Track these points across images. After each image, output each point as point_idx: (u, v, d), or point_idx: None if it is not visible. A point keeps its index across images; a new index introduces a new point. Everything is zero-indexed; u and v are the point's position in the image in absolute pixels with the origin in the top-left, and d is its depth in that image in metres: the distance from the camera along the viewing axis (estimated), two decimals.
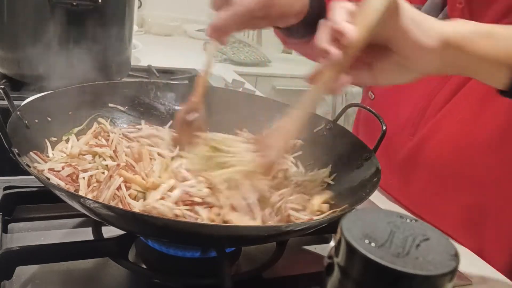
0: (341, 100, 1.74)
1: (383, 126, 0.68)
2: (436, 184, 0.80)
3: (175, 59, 1.61)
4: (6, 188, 0.65)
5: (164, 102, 0.81)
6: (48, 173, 0.58)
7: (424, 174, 0.81)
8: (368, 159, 0.67)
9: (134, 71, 1.27)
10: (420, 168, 0.82)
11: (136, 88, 0.80)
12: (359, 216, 0.29)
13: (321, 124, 0.78)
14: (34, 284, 0.53)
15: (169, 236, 0.54)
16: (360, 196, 0.60)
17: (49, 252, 0.54)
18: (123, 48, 1.11)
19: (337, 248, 0.28)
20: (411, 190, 0.84)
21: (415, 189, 0.83)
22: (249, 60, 1.65)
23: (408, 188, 0.85)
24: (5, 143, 0.53)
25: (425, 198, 0.82)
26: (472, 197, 0.76)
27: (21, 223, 0.63)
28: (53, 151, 0.65)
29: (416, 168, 0.82)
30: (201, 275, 0.56)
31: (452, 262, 0.26)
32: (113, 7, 1.04)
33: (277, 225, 0.56)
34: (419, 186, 0.83)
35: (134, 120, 0.78)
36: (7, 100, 0.61)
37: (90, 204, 0.48)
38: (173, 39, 1.96)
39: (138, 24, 1.94)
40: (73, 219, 0.65)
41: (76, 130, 0.70)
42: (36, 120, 0.64)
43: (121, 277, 0.57)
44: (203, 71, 0.70)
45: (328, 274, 0.29)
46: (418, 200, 0.83)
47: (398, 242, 0.27)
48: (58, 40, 0.97)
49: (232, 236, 0.52)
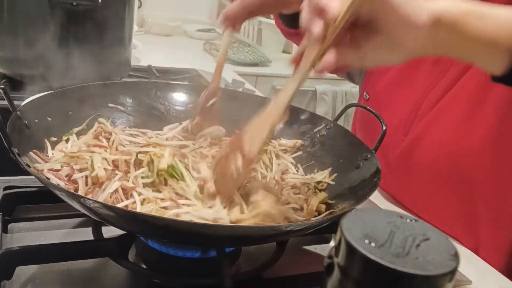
0: (341, 100, 1.74)
1: (383, 126, 0.68)
2: (430, 183, 0.80)
3: (175, 59, 1.61)
4: (6, 188, 0.65)
5: (164, 102, 0.81)
6: (48, 173, 0.58)
7: (418, 173, 0.81)
8: (368, 159, 0.67)
9: (134, 71, 1.27)
10: (414, 168, 0.82)
11: (136, 88, 0.80)
12: (359, 216, 0.29)
13: (321, 124, 0.78)
14: (34, 284, 0.53)
15: (169, 236, 0.54)
16: (360, 196, 0.60)
17: (49, 252, 0.54)
18: (123, 48, 1.11)
19: (337, 248, 0.28)
20: (408, 189, 0.84)
21: (411, 189, 0.84)
22: (249, 60, 1.65)
23: (405, 187, 0.85)
24: (5, 143, 0.53)
25: (421, 197, 0.83)
26: (466, 197, 0.77)
27: (21, 223, 0.63)
28: (53, 151, 0.65)
29: (410, 168, 0.82)
30: (201, 275, 0.56)
31: (452, 262, 0.26)
32: (113, 7, 1.04)
33: (277, 225, 0.56)
34: (415, 186, 0.83)
35: (134, 120, 0.78)
36: (7, 100, 0.61)
37: (90, 204, 0.48)
38: (173, 39, 1.96)
39: (138, 24, 1.94)
40: (73, 219, 0.65)
41: (76, 130, 0.70)
42: (36, 120, 0.64)
43: (121, 277, 0.57)
44: (219, 59, 0.73)
45: (328, 274, 0.29)
46: (414, 199, 0.84)
47: (398, 242, 0.27)
48: (58, 40, 0.97)
49: (232, 236, 0.52)
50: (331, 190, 0.68)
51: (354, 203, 0.60)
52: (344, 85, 1.76)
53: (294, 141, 0.78)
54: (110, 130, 0.69)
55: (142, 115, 0.79)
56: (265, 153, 0.74)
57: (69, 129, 0.70)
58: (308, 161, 0.76)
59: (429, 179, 0.80)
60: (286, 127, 0.80)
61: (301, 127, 0.80)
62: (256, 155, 0.58)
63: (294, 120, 0.81)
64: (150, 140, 0.69)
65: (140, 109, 0.79)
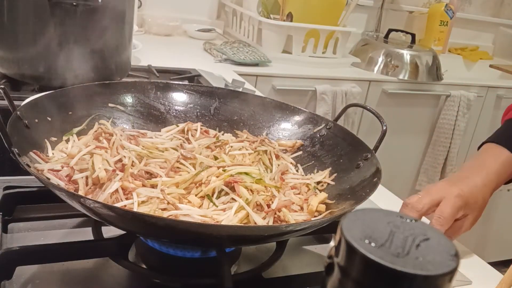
0: (341, 100, 1.74)
1: (383, 126, 0.68)
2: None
3: (175, 59, 1.61)
4: (6, 188, 0.65)
5: (164, 102, 0.81)
6: (48, 173, 0.58)
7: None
8: (368, 159, 0.67)
9: (134, 71, 1.27)
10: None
11: (136, 88, 0.80)
12: (359, 216, 0.29)
13: (321, 124, 0.78)
14: (34, 284, 0.53)
15: (169, 236, 0.54)
16: (360, 196, 0.60)
17: (49, 252, 0.54)
18: (123, 48, 1.11)
19: (337, 248, 0.28)
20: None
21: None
22: (249, 60, 1.65)
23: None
24: (5, 143, 0.53)
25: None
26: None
27: (21, 223, 0.63)
28: (53, 151, 0.65)
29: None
30: (201, 275, 0.56)
31: (452, 262, 0.26)
32: (113, 7, 1.04)
33: (277, 225, 0.56)
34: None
35: (134, 120, 0.78)
36: (7, 100, 0.61)
37: (90, 204, 0.48)
38: (173, 39, 1.96)
39: (138, 24, 1.94)
40: (73, 219, 0.65)
41: (76, 130, 0.70)
42: (36, 120, 0.64)
43: (121, 277, 0.57)
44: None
45: (328, 274, 0.29)
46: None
47: (398, 242, 0.27)
48: (58, 40, 0.97)
49: (232, 236, 0.52)
50: (331, 190, 0.68)
51: (354, 203, 0.60)
52: (344, 85, 1.76)
53: (294, 141, 0.78)
54: (111, 131, 0.69)
55: (142, 115, 0.79)
56: (265, 154, 0.74)
57: (69, 129, 0.70)
58: (308, 161, 0.76)
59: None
60: (286, 127, 0.80)
61: (301, 127, 0.80)
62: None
63: (294, 120, 0.81)
64: (147, 144, 0.69)
65: (140, 109, 0.79)
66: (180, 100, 0.82)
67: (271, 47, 1.79)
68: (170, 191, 0.59)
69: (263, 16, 1.83)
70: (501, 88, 2.15)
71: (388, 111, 1.88)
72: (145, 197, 0.57)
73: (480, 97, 2.10)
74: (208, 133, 0.78)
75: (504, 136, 0.80)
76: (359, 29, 2.34)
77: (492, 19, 2.76)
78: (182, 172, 0.64)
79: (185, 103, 0.82)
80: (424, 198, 0.70)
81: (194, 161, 0.66)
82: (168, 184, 0.60)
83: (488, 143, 0.80)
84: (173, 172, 0.64)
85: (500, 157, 0.77)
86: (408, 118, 2.00)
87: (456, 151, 2.08)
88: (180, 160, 0.65)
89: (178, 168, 0.65)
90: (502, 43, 2.81)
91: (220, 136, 0.77)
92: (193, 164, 0.66)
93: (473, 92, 2.05)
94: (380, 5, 2.34)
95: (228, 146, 0.73)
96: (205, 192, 0.59)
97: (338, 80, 1.77)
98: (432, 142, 2.08)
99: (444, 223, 0.68)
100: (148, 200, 0.57)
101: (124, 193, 0.57)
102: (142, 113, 0.79)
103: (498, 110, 2.16)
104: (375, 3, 2.35)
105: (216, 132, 0.79)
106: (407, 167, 2.12)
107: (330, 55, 1.88)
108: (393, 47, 2.01)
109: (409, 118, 2.00)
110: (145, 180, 0.61)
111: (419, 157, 2.13)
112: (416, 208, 0.69)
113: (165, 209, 0.56)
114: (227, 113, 0.82)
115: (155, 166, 0.64)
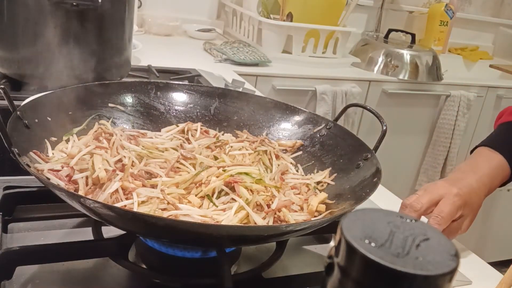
0: (341, 100, 1.73)
1: (383, 126, 0.68)
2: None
3: (175, 59, 1.61)
4: (6, 188, 0.65)
5: (164, 102, 0.81)
6: (48, 173, 0.58)
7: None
8: (368, 159, 0.67)
9: (134, 71, 1.27)
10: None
11: (136, 88, 0.80)
12: (359, 216, 0.29)
13: (321, 124, 0.78)
14: (34, 284, 0.53)
15: (169, 236, 0.54)
16: (360, 196, 0.60)
17: (49, 252, 0.54)
18: (123, 48, 1.11)
19: (337, 248, 0.28)
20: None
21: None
22: (249, 60, 1.65)
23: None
24: (5, 143, 0.53)
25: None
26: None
27: (21, 223, 0.63)
28: (53, 151, 0.65)
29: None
30: (201, 275, 0.56)
31: (452, 262, 0.26)
32: (113, 7, 1.04)
33: (277, 225, 0.56)
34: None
35: (134, 120, 0.78)
36: (7, 100, 0.61)
37: (90, 204, 0.48)
38: (173, 39, 1.96)
39: (138, 24, 1.94)
40: (73, 219, 0.65)
41: (76, 130, 0.70)
42: (36, 120, 0.64)
43: (121, 277, 0.57)
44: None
45: (328, 274, 0.29)
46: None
47: (398, 242, 0.27)
48: (58, 40, 0.97)
49: (232, 236, 0.52)
50: (331, 190, 0.68)
51: (354, 203, 0.60)
52: (344, 85, 1.76)
53: (294, 141, 0.78)
54: (111, 131, 0.69)
55: (142, 115, 0.79)
56: (265, 154, 0.74)
57: (69, 129, 0.70)
58: (308, 161, 0.76)
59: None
60: (286, 127, 0.80)
61: (301, 127, 0.80)
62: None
63: (294, 120, 0.81)
64: (147, 144, 0.69)
65: (140, 109, 0.79)
66: (180, 100, 0.82)
67: (271, 47, 1.79)
68: (170, 191, 0.59)
69: (263, 16, 1.83)
70: (501, 88, 2.15)
71: (388, 111, 1.88)
72: (145, 197, 0.57)
73: (480, 97, 2.10)
74: (208, 133, 0.78)
75: (496, 140, 0.80)
76: (359, 29, 2.34)
77: (492, 19, 2.76)
78: (182, 172, 0.64)
79: (185, 103, 0.82)
80: (422, 197, 0.70)
81: (194, 161, 0.66)
82: (168, 184, 0.60)
83: (481, 147, 0.81)
84: (173, 172, 0.64)
85: (492, 161, 0.77)
86: (408, 118, 2.00)
87: (456, 151, 2.08)
88: (180, 160, 0.65)
89: (178, 168, 0.65)
90: (502, 43, 2.81)
91: (220, 136, 0.77)
92: (193, 164, 0.66)
93: (473, 92, 2.05)
94: (380, 5, 2.34)
95: (228, 146, 0.73)
96: (205, 192, 0.59)
97: (338, 80, 1.77)
98: (432, 142, 2.08)
99: (442, 222, 0.68)
100: (148, 200, 0.57)
101: (124, 193, 0.57)
102: (142, 113, 0.79)
103: (498, 110, 2.15)
104: (375, 3, 2.35)
105: (216, 132, 0.79)
106: (407, 167, 2.12)
107: (330, 55, 1.88)
108: (393, 47, 2.01)
109: (409, 118, 2.00)
110: (145, 180, 0.61)
111: (419, 157, 2.13)
112: (414, 208, 0.69)
113: (165, 209, 0.56)
114: (227, 113, 0.82)
115: (155, 166, 0.64)
